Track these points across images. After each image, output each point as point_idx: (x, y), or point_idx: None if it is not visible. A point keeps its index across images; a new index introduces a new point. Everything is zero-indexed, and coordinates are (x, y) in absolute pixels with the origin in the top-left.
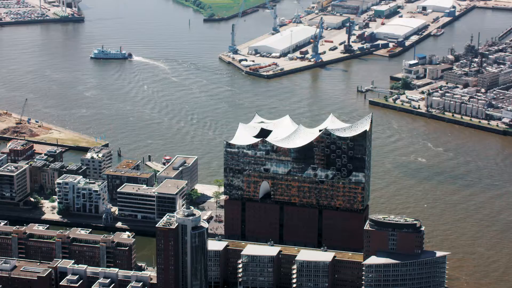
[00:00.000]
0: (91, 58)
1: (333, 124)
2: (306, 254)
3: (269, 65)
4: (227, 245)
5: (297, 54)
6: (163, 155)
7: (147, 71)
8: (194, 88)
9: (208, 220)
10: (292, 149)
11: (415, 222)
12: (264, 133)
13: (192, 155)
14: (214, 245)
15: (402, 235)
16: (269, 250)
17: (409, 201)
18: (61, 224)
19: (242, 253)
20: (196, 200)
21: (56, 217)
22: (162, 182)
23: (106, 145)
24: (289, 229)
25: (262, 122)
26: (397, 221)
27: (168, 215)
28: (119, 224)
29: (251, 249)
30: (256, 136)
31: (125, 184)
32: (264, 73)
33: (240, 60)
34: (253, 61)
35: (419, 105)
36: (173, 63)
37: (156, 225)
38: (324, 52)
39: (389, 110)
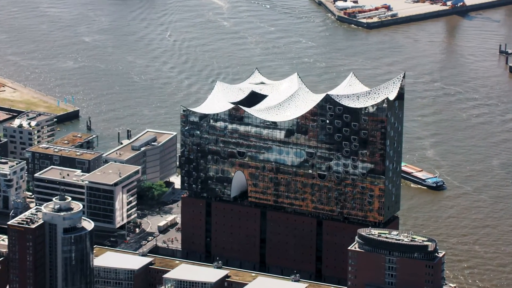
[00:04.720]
0: None
1: (349, 88)
2: (262, 283)
3: (376, 9)
4: (150, 263)
5: None
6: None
7: (186, 7)
8: (249, 37)
9: (167, 227)
10: (278, 123)
11: (426, 243)
12: (254, 98)
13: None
14: (130, 262)
15: (405, 261)
16: (210, 274)
17: (490, 215)
18: None
19: (165, 276)
20: (161, 198)
21: None
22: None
23: (76, 113)
24: (274, 246)
25: (262, 83)
26: (399, 240)
27: (36, 207)
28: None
29: (183, 271)
30: (239, 103)
31: (51, 167)
32: (364, 20)
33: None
34: (355, 1)
35: None
36: None
37: (8, 222)
38: None
39: None
